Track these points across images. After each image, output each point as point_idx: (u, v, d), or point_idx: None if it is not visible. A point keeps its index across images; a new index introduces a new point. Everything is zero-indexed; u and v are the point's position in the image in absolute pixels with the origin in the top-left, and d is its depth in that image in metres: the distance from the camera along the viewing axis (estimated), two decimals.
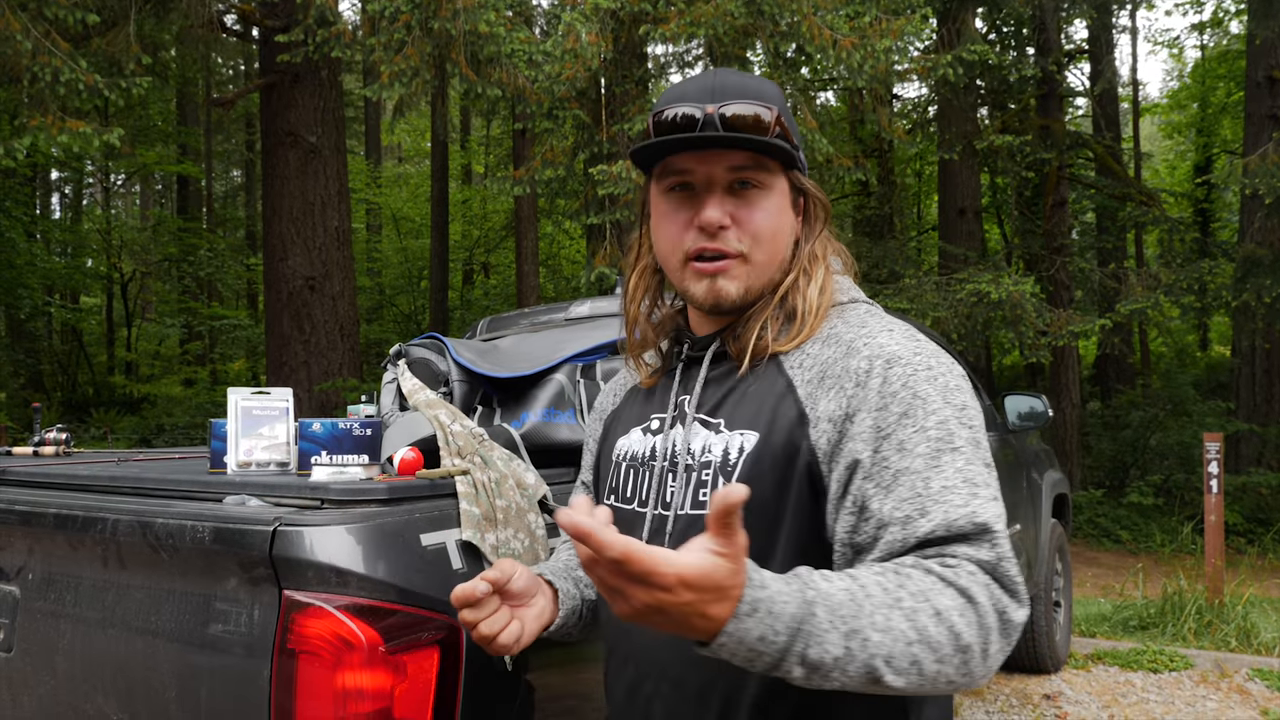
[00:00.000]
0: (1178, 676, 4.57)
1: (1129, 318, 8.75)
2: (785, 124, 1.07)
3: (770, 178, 1.06)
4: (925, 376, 0.96)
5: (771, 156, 1.05)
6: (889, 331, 1.01)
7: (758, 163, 1.05)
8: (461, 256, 16.89)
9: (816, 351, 1.03)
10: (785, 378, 1.03)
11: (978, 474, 0.92)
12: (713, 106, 1.03)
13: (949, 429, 0.93)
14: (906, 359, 0.97)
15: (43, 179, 17.58)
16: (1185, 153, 19.32)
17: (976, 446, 0.94)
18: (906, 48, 7.10)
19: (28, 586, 1.52)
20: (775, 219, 1.07)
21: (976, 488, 0.90)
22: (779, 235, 1.08)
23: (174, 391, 14.97)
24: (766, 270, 1.07)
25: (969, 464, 0.92)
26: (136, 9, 7.28)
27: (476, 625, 1.03)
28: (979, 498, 0.90)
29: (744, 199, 1.05)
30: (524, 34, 6.76)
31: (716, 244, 1.04)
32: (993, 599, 0.85)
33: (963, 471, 0.91)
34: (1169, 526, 9.46)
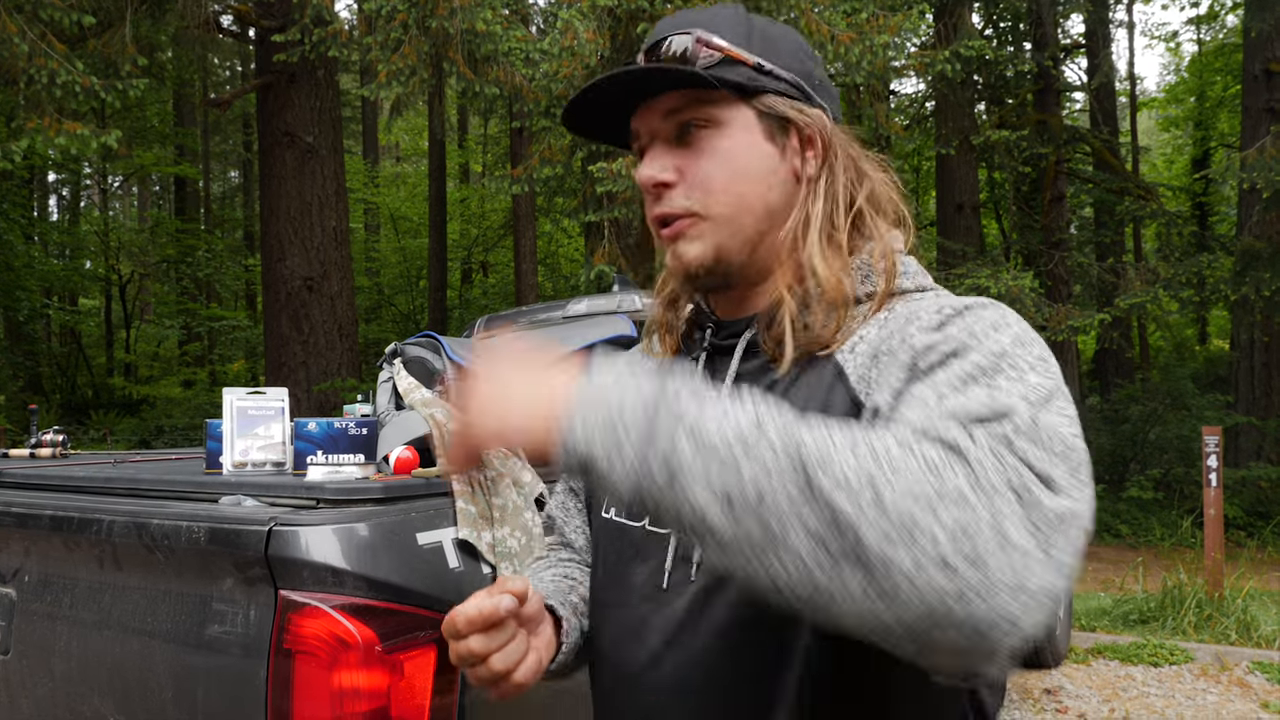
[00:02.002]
0: (1178, 670, 4.57)
1: (1128, 312, 8.76)
2: (730, 45, 0.85)
3: (721, 112, 0.85)
4: (995, 322, 0.73)
5: (708, 86, 0.83)
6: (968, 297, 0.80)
7: (698, 99, 0.84)
8: (460, 255, 16.89)
9: (873, 334, 0.80)
10: (834, 363, 0.81)
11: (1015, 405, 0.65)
12: (642, 54, 0.88)
13: (1000, 364, 0.68)
14: (979, 311, 0.75)
15: (40, 181, 17.57)
16: (1183, 147, 19.32)
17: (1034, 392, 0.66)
18: (904, 43, 7.09)
19: (24, 588, 1.52)
20: (734, 160, 0.85)
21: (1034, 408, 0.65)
22: (745, 179, 0.85)
23: (173, 393, 14.96)
24: (739, 224, 0.85)
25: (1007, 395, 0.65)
26: (132, 10, 7.27)
27: (488, 658, 0.80)
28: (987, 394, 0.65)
29: (692, 145, 0.85)
30: (521, 32, 6.75)
31: (662, 207, 0.86)
32: (1001, 466, 0.59)
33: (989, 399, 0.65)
34: (1168, 520, 9.46)
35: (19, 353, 14.91)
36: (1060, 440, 0.62)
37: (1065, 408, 0.67)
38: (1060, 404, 0.67)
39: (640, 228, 6.85)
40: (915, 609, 0.55)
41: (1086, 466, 0.64)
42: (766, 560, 0.57)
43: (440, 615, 1.28)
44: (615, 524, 0.95)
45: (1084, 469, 0.63)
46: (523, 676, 0.83)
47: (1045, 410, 0.64)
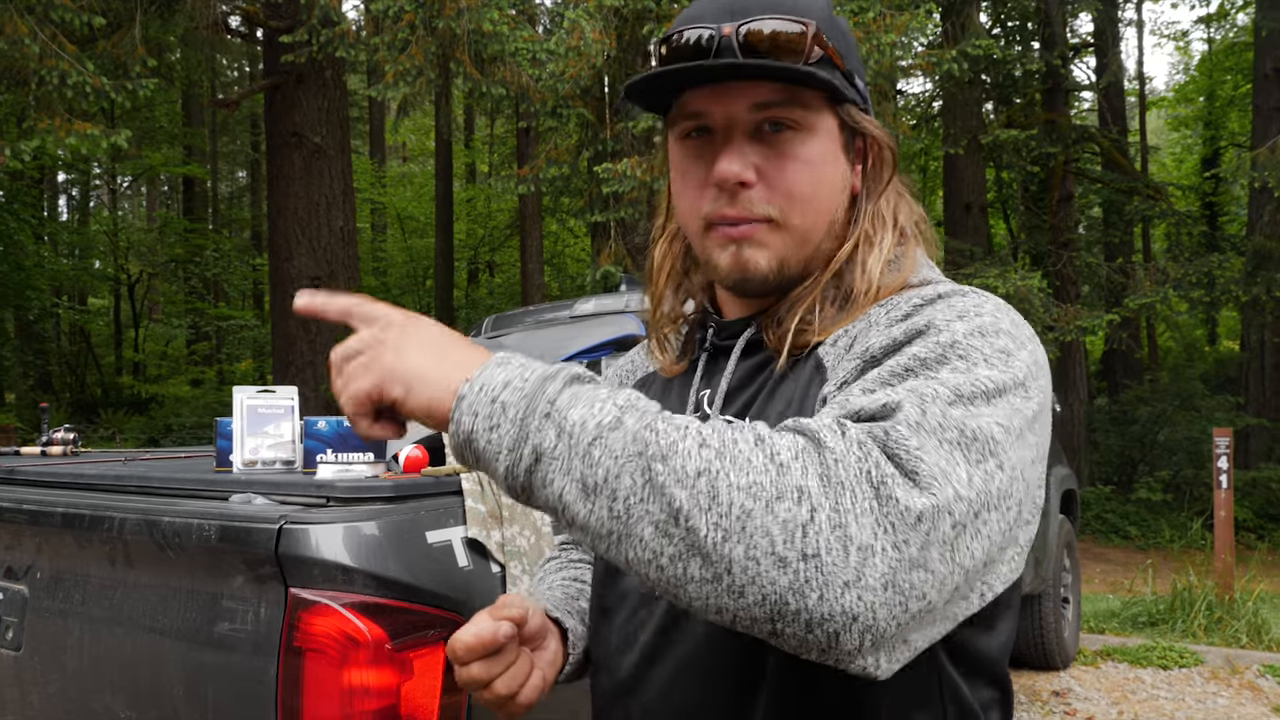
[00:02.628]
0: (1188, 673, 4.55)
1: (1137, 313, 8.73)
2: (831, 44, 0.81)
3: (811, 116, 0.80)
4: (961, 310, 0.71)
5: (810, 87, 0.79)
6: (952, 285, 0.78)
7: (792, 97, 0.79)
8: (466, 255, 16.92)
9: (857, 327, 0.79)
10: (816, 358, 0.79)
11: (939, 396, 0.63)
12: (730, 26, 0.79)
13: (948, 355, 0.67)
14: (952, 298, 0.73)
15: (50, 181, 17.65)
16: (1192, 146, 19.23)
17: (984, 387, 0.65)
18: (911, 43, 7.08)
19: (36, 585, 1.53)
20: (817, 170, 0.81)
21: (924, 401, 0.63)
22: (824, 191, 0.82)
23: (181, 391, 15.03)
24: (809, 238, 0.82)
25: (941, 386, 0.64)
26: (142, 11, 7.31)
27: (491, 683, 0.79)
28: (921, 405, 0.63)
29: (775, 146, 0.80)
30: (527, 33, 6.76)
31: (737, 208, 0.80)
32: (863, 457, 0.58)
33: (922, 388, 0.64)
34: (1178, 522, 9.42)
35: (29, 351, 15.00)
36: (961, 430, 0.61)
37: (1016, 403, 0.66)
38: (1011, 400, 0.66)
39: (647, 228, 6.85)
40: (755, 601, 0.56)
41: (999, 458, 0.62)
42: (621, 547, 0.59)
43: (450, 613, 1.29)
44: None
45: (991, 459, 0.62)
46: (527, 697, 0.82)
47: (976, 404, 0.64)
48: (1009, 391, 0.66)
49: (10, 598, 1.56)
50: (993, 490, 0.62)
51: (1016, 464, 0.64)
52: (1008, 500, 0.63)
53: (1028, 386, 0.68)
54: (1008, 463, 0.63)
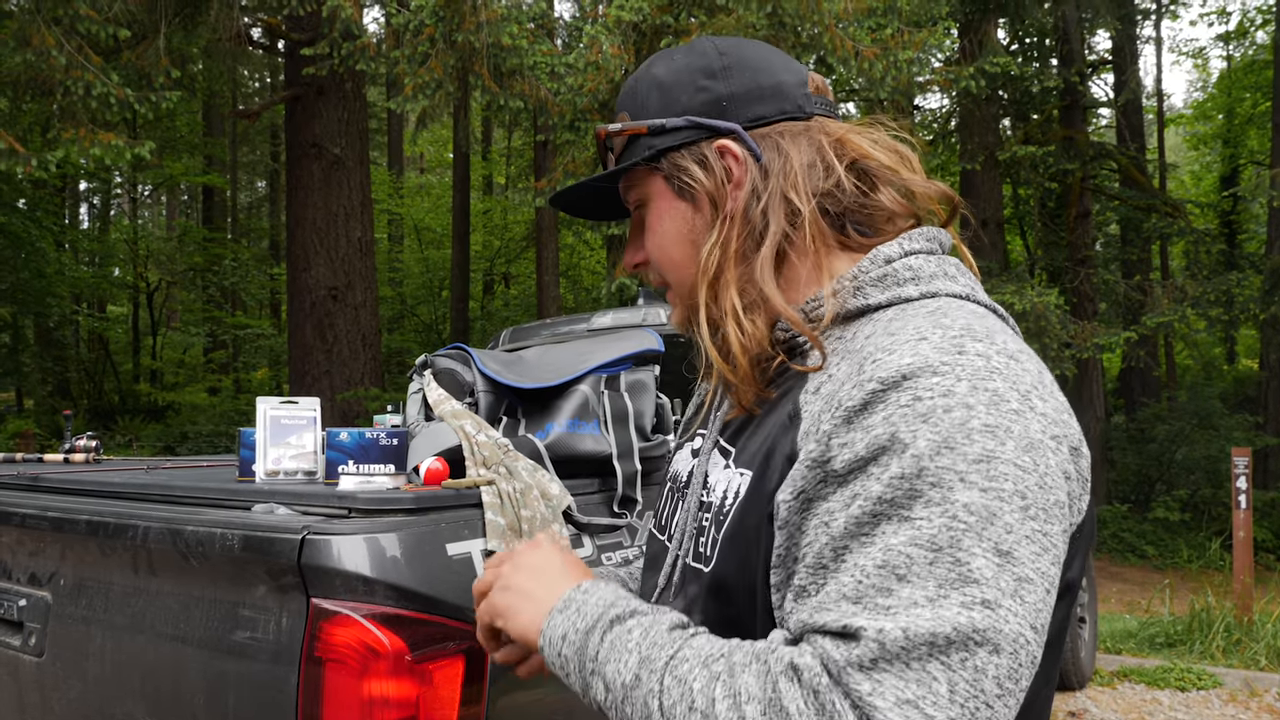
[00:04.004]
0: (1206, 695, 4.49)
1: (1155, 331, 8.67)
2: (631, 119, 0.87)
3: (644, 188, 0.88)
4: (930, 406, 0.64)
5: (618, 181, 0.90)
6: (921, 340, 0.68)
7: (628, 184, 0.90)
8: (483, 267, 16.99)
9: (836, 370, 0.74)
10: (794, 404, 0.76)
11: (916, 560, 0.60)
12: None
13: (916, 486, 0.62)
14: (913, 386, 0.65)
15: (72, 190, 17.88)
16: (1211, 164, 19.12)
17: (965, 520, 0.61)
18: (928, 59, 7.09)
19: (59, 592, 1.54)
20: (659, 232, 0.87)
21: (896, 582, 0.60)
22: (670, 245, 0.86)
23: (198, 400, 15.13)
24: (688, 286, 0.87)
25: (912, 544, 0.61)
26: (166, 23, 7.40)
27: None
28: (882, 595, 0.61)
29: (643, 225, 0.91)
30: (546, 46, 6.81)
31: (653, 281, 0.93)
32: (822, 711, 0.59)
33: (893, 553, 0.61)
34: (1196, 542, 9.32)
35: (48, 358, 15.15)
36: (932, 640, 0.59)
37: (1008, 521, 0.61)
38: (1006, 522, 0.61)
39: None
40: None
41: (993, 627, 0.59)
42: None
43: (469, 625, 1.29)
44: (651, 533, 0.99)
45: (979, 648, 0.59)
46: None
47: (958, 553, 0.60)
48: (997, 516, 0.61)
49: (34, 604, 1.57)
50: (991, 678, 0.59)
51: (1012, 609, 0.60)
52: (1021, 652, 0.60)
53: (1019, 490, 0.62)
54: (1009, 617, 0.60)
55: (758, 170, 0.82)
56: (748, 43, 0.89)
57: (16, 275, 12.58)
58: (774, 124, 0.83)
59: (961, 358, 0.66)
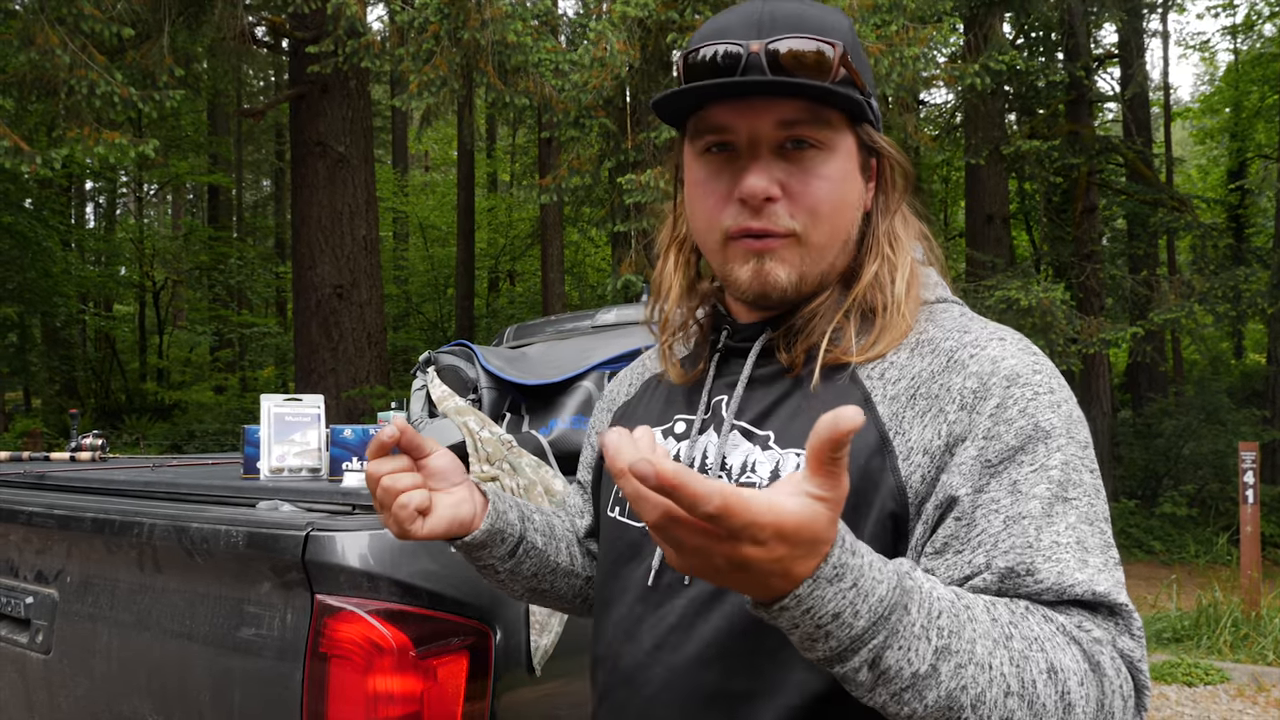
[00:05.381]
0: (1213, 690, 4.48)
1: (1162, 326, 8.64)
2: (854, 65, 0.83)
3: (833, 135, 0.82)
4: (1049, 402, 0.76)
5: (835, 107, 0.82)
6: (1000, 341, 0.80)
7: (816, 116, 0.81)
8: (487, 264, 16.99)
9: (904, 361, 0.81)
10: (861, 388, 0.81)
11: (1091, 535, 0.72)
12: (758, 43, 0.80)
13: (1071, 473, 0.74)
14: (1026, 378, 0.77)
15: (78, 189, 17.92)
16: (1218, 158, 19.04)
17: (1096, 497, 0.75)
18: (933, 55, 7.06)
19: (66, 589, 1.55)
20: (838, 188, 0.83)
21: (1087, 553, 0.71)
22: (842, 209, 0.84)
23: (205, 398, 15.17)
24: (826, 253, 0.85)
25: (1084, 521, 0.73)
26: (170, 22, 7.42)
27: (380, 478, 0.83)
28: (1089, 565, 0.71)
29: (798, 163, 0.82)
30: (551, 43, 6.81)
31: (762, 222, 0.82)
32: (1123, 683, 0.68)
33: (1075, 529, 0.72)
34: (1203, 537, 9.29)
35: (55, 357, 15.20)
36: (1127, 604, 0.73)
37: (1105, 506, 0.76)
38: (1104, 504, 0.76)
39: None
40: None
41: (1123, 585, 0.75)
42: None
43: (473, 621, 1.29)
44: (617, 522, 0.95)
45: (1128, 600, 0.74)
46: (411, 500, 0.82)
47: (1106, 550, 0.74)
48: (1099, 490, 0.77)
49: (40, 601, 1.58)
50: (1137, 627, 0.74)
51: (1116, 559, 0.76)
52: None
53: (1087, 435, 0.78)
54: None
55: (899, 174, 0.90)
56: None
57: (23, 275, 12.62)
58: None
59: (1040, 359, 0.80)
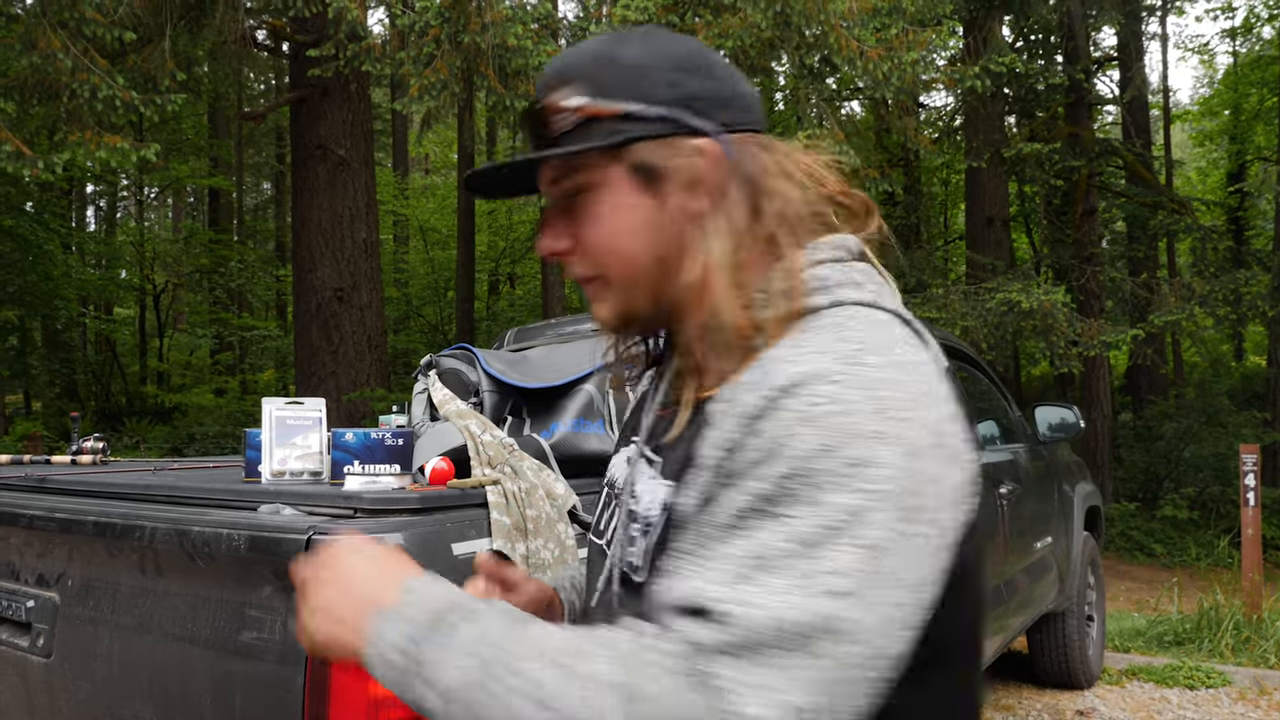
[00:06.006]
0: (1215, 694, 4.47)
1: (1162, 329, 8.64)
2: (593, 99, 0.80)
3: (594, 174, 0.81)
4: (821, 412, 0.66)
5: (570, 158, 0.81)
6: (821, 352, 0.70)
7: (569, 167, 0.82)
8: (488, 267, 17.00)
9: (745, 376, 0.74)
10: (705, 413, 0.77)
11: (786, 553, 0.63)
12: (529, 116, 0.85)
13: (792, 487, 0.65)
14: (810, 384, 0.67)
15: (78, 193, 17.94)
16: (1218, 160, 19.05)
17: (837, 519, 0.63)
18: (933, 58, 7.07)
19: (67, 593, 1.55)
20: (609, 222, 0.81)
21: (761, 573, 0.63)
22: (621, 237, 0.81)
23: (205, 401, 15.17)
24: (636, 283, 0.83)
25: (785, 540, 0.63)
26: (171, 26, 7.43)
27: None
28: (749, 583, 0.63)
29: (574, 213, 0.83)
30: (551, 47, 6.81)
31: (570, 272, 0.86)
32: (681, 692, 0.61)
33: (765, 546, 0.64)
34: (1204, 540, 9.29)
35: (56, 360, 15.20)
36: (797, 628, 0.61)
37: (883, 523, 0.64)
38: (877, 520, 0.64)
39: None
40: None
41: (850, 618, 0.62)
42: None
43: None
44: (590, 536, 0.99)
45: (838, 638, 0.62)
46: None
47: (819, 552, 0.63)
48: (868, 515, 0.64)
49: (41, 605, 1.58)
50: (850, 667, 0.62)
51: (876, 603, 0.63)
52: (881, 644, 0.64)
53: (895, 492, 0.65)
54: (865, 615, 0.63)
55: (730, 174, 0.80)
56: (706, 47, 0.87)
57: (24, 278, 12.63)
58: (739, 132, 0.82)
59: (855, 367, 0.69)
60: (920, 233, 14.27)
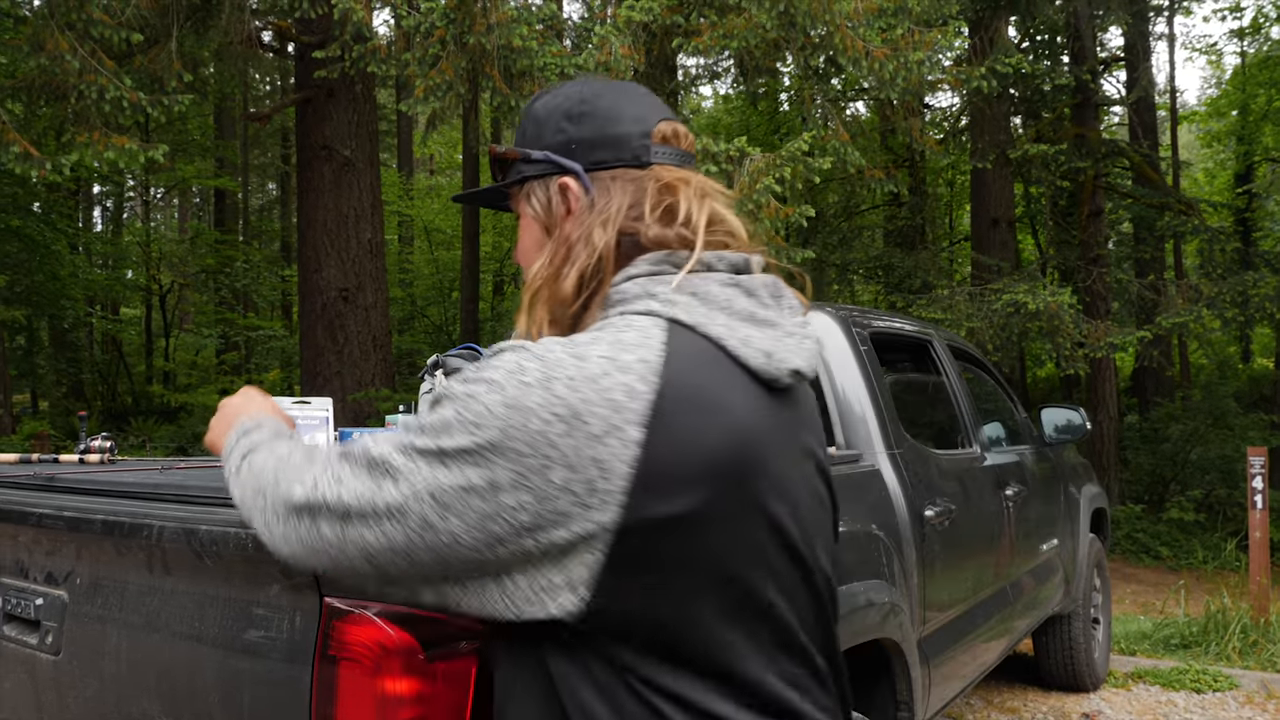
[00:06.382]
0: (1222, 697, 4.46)
1: (1169, 331, 8.60)
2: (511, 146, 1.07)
3: (516, 204, 1.08)
4: (490, 360, 0.87)
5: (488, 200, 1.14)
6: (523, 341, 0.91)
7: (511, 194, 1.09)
8: (492, 268, 17.02)
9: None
10: None
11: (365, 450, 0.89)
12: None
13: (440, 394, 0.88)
14: (491, 356, 0.88)
15: (85, 193, 17.99)
16: (1225, 161, 18.99)
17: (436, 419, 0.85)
18: (938, 58, 7.06)
19: (75, 591, 1.55)
20: (520, 242, 1.09)
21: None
22: (524, 256, 1.07)
23: (210, 401, 15.17)
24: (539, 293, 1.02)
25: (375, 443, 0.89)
26: (178, 27, 7.45)
27: None
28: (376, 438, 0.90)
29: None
30: (556, 48, 6.81)
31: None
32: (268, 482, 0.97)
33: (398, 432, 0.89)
34: (1211, 543, 9.26)
35: (63, 360, 15.25)
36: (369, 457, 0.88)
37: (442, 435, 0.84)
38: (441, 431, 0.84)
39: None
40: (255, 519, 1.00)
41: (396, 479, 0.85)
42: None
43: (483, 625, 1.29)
44: None
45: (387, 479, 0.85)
46: None
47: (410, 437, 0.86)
48: (449, 428, 0.83)
49: (50, 603, 1.58)
50: (379, 502, 0.85)
51: (421, 488, 0.83)
52: (403, 515, 0.84)
53: (465, 422, 0.83)
54: (407, 486, 0.84)
55: (588, 206, 0.99)
56: (612, 90, 1.05)
57: (31, 278, 12.67)
58: (612, 168, 1.00)
59: (534, 347, 0.86)
60: (925, 234, 14.23)
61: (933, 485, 2.69)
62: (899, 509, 2.46)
